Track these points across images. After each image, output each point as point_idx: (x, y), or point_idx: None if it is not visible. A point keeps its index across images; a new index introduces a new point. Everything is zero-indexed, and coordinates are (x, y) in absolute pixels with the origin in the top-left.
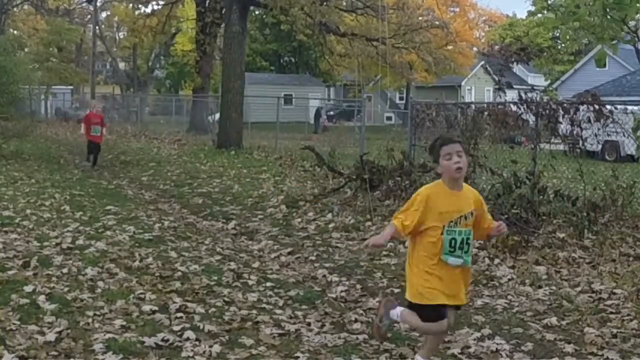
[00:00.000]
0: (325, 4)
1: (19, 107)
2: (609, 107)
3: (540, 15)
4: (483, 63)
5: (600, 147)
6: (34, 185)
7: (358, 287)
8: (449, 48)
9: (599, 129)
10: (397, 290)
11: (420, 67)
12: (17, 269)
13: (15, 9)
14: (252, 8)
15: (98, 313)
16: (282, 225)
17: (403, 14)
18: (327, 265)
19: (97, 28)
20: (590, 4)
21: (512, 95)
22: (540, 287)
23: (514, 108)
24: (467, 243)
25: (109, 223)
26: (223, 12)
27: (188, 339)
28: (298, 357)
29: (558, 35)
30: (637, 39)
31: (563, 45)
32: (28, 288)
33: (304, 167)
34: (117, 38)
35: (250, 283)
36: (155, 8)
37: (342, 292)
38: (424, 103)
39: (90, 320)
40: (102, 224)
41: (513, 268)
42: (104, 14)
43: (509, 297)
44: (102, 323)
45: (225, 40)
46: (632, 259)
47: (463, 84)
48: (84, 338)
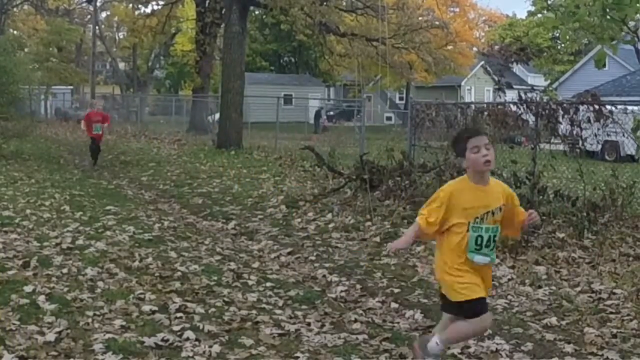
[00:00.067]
0: (325, 4)
1: (19, 107)
2: (609, 107)
3: (540, 16)
4: (483, 63)
5: (600, 147)
6: (34, 185)
7: (358, 287)
8: (449, 48)
9: (599, 129)
10: (397, 291)
11: (420, 67)
12: (17, 269)
13: (15, 9)
14: (252, 8)
15: (98, 313)
16: (282, 225)
17: (403, 14)
18: (327, 265)
19: (97, 28)
20: (590, 4)
21: (511, 96)
22: (540, 287)
23: (514, 108)
24: (493, 240)
25: (109, 223)
26: (223, 12)
27: (188, 339)
28: (298, 357)
29: (558, 36)
30: (637, 39)
31: (563, 46)
32: (28, 288)
33: (304, 167)
34: (117, 38)
35: (250, 283)
36: (155, 8)
37: (342, 292)
38: (424, 103)
39: (90, 320)
40: (102, 224)
41: (513, 268)
42: (104, 14)
43: (509, 297)
44: (102, 323)
45: (225, 40)
46: (632, 259)
47: (463, 84)
48: (84, 338)
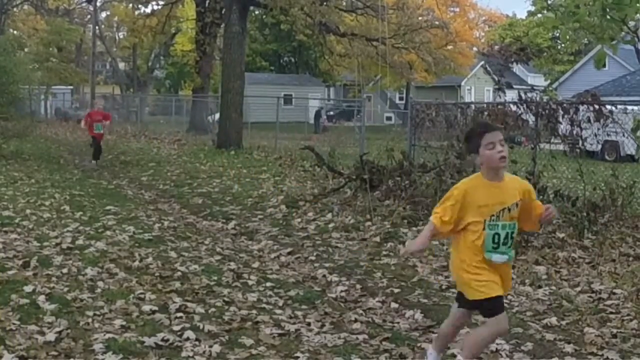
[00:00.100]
0: (325, 4)
1: (19, 107)
2: (609, 107)
3: (540, 16)
4: (483, 63)
5: (600, 147)
6: (34, 185)
7: (358, 287)
8: (449, 48)
9: (599, 129)
10: (397, 290)
11: (420, 67)
12: (17, 269)
13: (15, 9)
14: (252, 8)
15: (98, 313)
16: (282, 225)
17: (403, 14)
18: (327, 265)
19: (97, 28)
20: (590, 4)
21: (511, 95)
22: (540, 287)
23: (514, 108)
24: (511, 237)
25: (109, 223)
26: (223, 12)
27: (188, 339)
28: (298, 357)
29: (558, 36)
30: (637, 39)
31: (563, 46)
32: (28, 288)
33: (304, 167)
34: (117, 38)
35: (250, 283)
36: (155, 8)
37: (342, 292)
38: (424, 103)
39: (90, 320)
40: (102, 224)
41: (513, 268)
42: (104, 14)
43: (509, 297)
44: (102, 323)
45: (225, 40)
46: (632, 259)
47: (463, 84)
48: (84, 338)
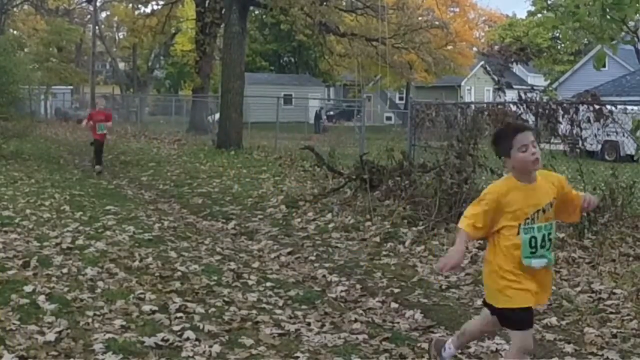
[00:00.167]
0: (325, 4)
1: (19, 107)
2: (609, 107)
3: (540, 15)
4: (483, 63)
5: (600, 147)
6: (34, 185)
7: (358, 287)
8: (449, 48)
9: (599, 129)
10: (397, 290)
11: (420, 67)
12: (17, 269)
13: (15, 9)
14: (252, 8)
15: (98, 313)
16: (281, 225)
17: (403, 14)
18: (327, 265)
19: (97, 28)
20: (590, 4)
21: (511, 95)
22: None
23: (514, 108)
24: (549, 239)
25: (109, 223)
26: (223, 12)
27: (188, 339)
28: (298, 357)
29: (558, 35)
30: (637, 39)
31: (563, 45)
32: (28, 288)
33: (304, 167)
34: (117, 38)
35: (250, 283)
36: (155, 8)
37: (342, 292)
38: (424, 103)
39: (90, 320)
40: (102, 224)
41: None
42: (104, 14)
43: None
44: (102, 323)
45: (225, 41)
46: (632, 259)
47: (463, 84)
48: (84, 338)
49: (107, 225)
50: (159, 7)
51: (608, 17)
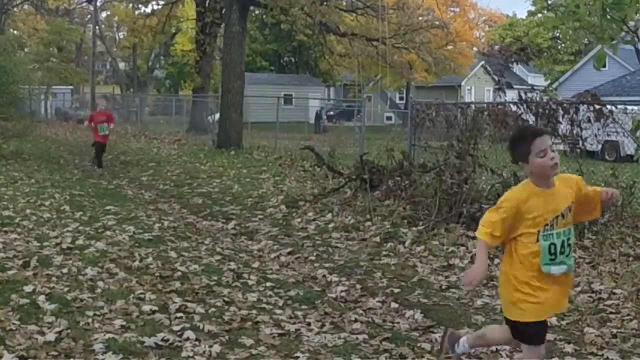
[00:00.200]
0: (325, 4)
1: (19, 107)
2: (609, 107)
3: (540, 15)
4: (483, 63)
5: (600, 147)
6: (34, 185)
7: (358, 287)
8: (449, 48)
9: (599, 129)
10: (397, 290)
11: (420, 67)
12: (17, 269)
13: (15, 9)
14: (252, 8)
15: (98, 313)
16: (282, 225)
17: (403, 14)
18: (327, 265)
19: (97, 28)
20: (590, 4)
21: (512, 95)
22: None
23: (514, 108)
24: (568, 245)
25: (109, 223)
26: (223, 12)
27: (188, 339)
28: (298, 357)
29: (558, 35)
30: (637, 39)
31: (563, 45)
32: (28, 288)
33: (304, 167)
34: (117, 38)
35: (250, 283)
36: (155, 8)
37: (342, 292)
38: (424, 103)
39: (90, 320)
40: (102, 224)
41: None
42: (104, 14)
43: None
44: (102, 323)
45: (225, 40)
46: (632, 259)
47: (463, 84)
48: (84, 338)
49: (107, 225)
50: (159, 7)
51: (608, 17)
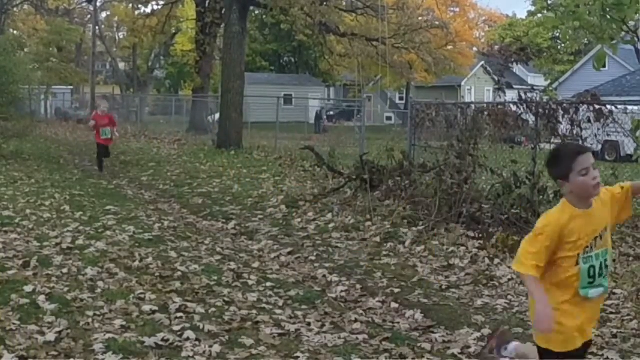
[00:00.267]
0: (325, 4)
1: (19, 107)
2: (609, 107)
3: (540, 15)
4: (483, 63)
5: (600, 147)
6: (34, 185)
7: (358, 287)
8: (449, 48)
9: (599, 129)
10: (397, 290)
11: (420, 67)
12: (17, 269)
13: (15, 9)
14: (252, 8)
15: (98, 313)
16: (282, 225)
17: (403, 14)
18: (327, 265)
19: (97, 28)
20: (590, 4)
21: (512, 96)
22: None
23: (514, 108)
24: (605, 266)
25: (109, 223)
26: (223, 12)
27: (188, 339)
28: (298, 357)
29: (558, 35)
30: (637, 39)
31: (563, 45)
32: (28, 288)
33: (304, 167)
34: (117, 38)
35: (250, 283)
36: (155, 8)
37: (342, 292)
38: (424, 103)
39: (90, 320)
40: (102, 224)
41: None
42: (104, 14)
43: (509, 297)
44: (102, 323)
45: (225, 41)
46: (632, 259)
47: (463, 84)
48: (84, 338)
49: (107, 225)
50: (159, 7)
51: (608, 17)
